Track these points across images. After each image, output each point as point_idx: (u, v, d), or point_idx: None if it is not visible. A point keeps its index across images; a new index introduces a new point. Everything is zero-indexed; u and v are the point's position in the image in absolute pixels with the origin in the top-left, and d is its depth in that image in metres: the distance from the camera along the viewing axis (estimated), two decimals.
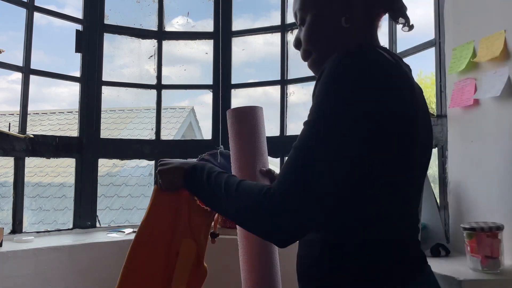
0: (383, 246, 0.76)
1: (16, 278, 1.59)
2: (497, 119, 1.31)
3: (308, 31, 0.86)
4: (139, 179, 5.94)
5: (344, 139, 0.70)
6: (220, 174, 0.84)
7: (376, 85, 0.72)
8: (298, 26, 0.91)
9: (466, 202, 1.42)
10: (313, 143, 0.71)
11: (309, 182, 0.69)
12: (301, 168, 0.70)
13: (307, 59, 0.89)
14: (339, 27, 0.83)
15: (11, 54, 2.05)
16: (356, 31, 0.84)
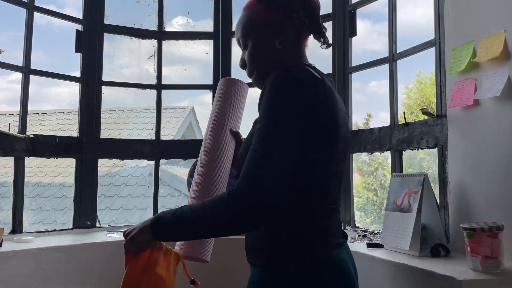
0: (327, 213, 0.98)
1: (16, 278, 1.59)
2: (497, 119, 1.31)
3: (251, 54, 1.06)
4: (139, 179, 5.94)
5: (283, 139, 0.88)
6: (181, 207, 0.96)
7: (304, 96, 0.91)
8: (242, 50, 1.11)
9: (466, 202, 1.42)
10: (263, 144, 0.88)
11: (261, 175, 0.85)
12: (254, 167, 0.86)
13: (251, 76, 1.09)
14: (274, 48, 1.04)
15: (11, 54, 2.05)
16: (288, 51, 1.05)
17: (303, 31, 1.08)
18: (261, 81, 1.06)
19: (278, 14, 1.05)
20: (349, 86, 2.08)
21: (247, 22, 1.08)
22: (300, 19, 1.05)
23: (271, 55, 1.05)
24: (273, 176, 0.86)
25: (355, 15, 2.09)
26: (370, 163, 5.88)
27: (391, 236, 1.47)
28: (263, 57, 1.06)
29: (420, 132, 1.67)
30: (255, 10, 1.07)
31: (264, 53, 1.06)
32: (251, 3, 1.10)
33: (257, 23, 1.06)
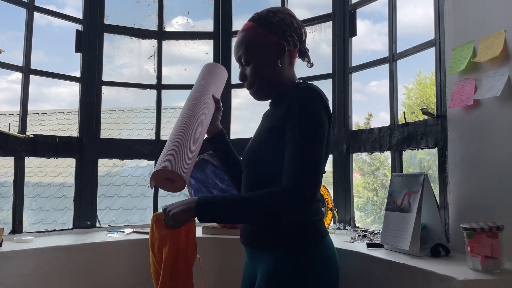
0: (317, 203, 1.23)
1: (16, 278, 1.59)
2: (497, 119, 1.31)
3: (254, 70, 1.25)
4: (139, 179, 5.94)
5: (318, 144, 1.11)
6: (224, 197, 1.14)
7: (326, 111, 1.16)
8: (241, 65, 1.28)
9: (466, 202, 1.42)
10: (313, 150, 1.10)
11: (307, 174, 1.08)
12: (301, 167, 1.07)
13: (251, 88, 1.28)
14: (276, 66, 1.24)
15: (10, 54, 2.05)
16: (285, 69, 1.26)
17: (294, 52, 1.29)
18: (261, 94, 1.28)
19: (278, 38, 1.23)
20: (349, 86, 2.08)
21: (251, 42, 1.25)
22: (294, 42, 1.26)
23: (272, 72, 1.25)
24: (315, 174, 1.08)
25: (355, 15, 2.09)
26: (371, 162, 5.88)
27: (391, 236, 1.47)
28: (265, 74, 1.25)
29: (420, 132, 1.67)
30: (257, 32, 1.25)
31: (267, 70, 1.24)
32: (252, 26, 1.26)
33: (260, 43, 1.24)
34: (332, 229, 1.93)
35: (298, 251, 1.16)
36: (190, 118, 1.33)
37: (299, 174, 1.06)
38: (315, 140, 1.10)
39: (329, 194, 1.93)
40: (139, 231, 2.05)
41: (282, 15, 1.26)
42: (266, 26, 1.24)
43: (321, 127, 1.12)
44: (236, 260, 1.62)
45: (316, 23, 2.23)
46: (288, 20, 1.25)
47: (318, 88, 1.19)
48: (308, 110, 1.12)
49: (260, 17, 1.26)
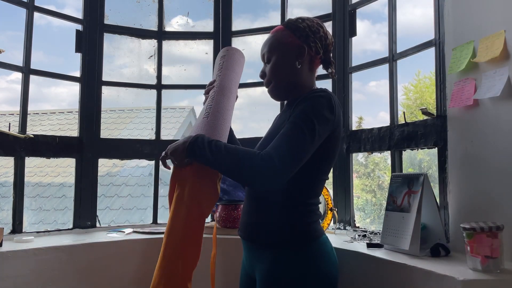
0: (316, 206, 1.26)
1: (16, 278, 1.59)
2: (497, 119, 1.32)
3: (273, 68, 1.30)
4: (139, 179, 5.94)
5: (317, 138, 1.14)
6: (217, 141, 1.17)
7: (334, 115, 1.19)
8: (264, 63, 1.34)
9: (466, 202, 1.42)
10: (301, 133, 1.12)
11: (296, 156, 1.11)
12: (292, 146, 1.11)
13: (268, 86, 1.33)
14: (294, 67, 1.28)
15: (10, 54, 2.05)
16: (303, 72, 1.30)
17: (317, 59, 1.32)
18: (276, 92, 1.32)
19: (301, 41, 1.28)
20: (349, 86, 2.08)
21: (275, 42, 1.31)
22: (316, 48, 1.29)
23: (290, 72, 1.29)
24: (296, 155, 1.11)
25: (355, 15, 2.09)
26: (367, 164, 5.85)
27: (391, 236, 1.47)
28: (283, 72, 1.29)
29: (420, 132, 1.67)
30: (283, 33, 1.30)
31: (284, 69, 1.29)
32: (280, 29, 1.33)
33: (283, 44, 1.29)
34: (332, 229, 1.93)
35: (294, 249, 1.19)
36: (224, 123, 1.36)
37: (280, 148, 1.10)
38: (307, 130, 1.12)
39: (329, 194, 1.93)
40: (139, 231, 2.05)
41: (310, 22, 1.31)
42: (291, 29, 1.30)
43: (317, 119, 1.14)
44: (236, 260, 1.62)
45: None
46: (315, 27, 1.30)
47: (332, 94, 1.22)
48: (313, 105, 1.16)
49: (289, 21, 1.33)
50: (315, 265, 1.19)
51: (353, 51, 2.11)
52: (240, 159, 1.11)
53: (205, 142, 1.16)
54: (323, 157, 1.22)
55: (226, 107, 1.38)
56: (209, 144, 1.15)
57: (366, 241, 1.65)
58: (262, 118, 1.76)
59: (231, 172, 1.17)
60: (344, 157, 2.05)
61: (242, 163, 1.11)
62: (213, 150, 1.14)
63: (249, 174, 1.11)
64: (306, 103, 1.18)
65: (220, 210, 1.93)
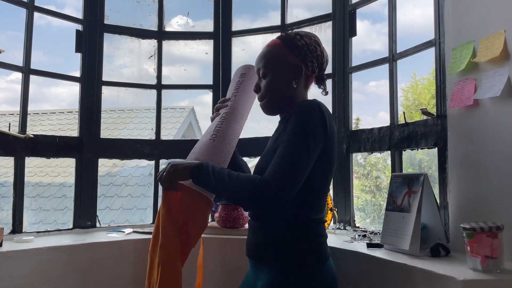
0: (321, 224, 1.24)
1: (16, 278, 1.59)
2: (497, 119, 1.32)
3: (269, 86, 1.29)
4: (139, 179, 5.93)
5: (313, 154, 1.14)
6: (221, 169, 1.18)
7: (325, 126, 1.17)
8: (259, 77, 1.32)
9: (466, 202, 1.42)
10: (297, 152, 1.12)
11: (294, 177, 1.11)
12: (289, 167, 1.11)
13: (262, 101, 1.31)
14: (290, 86, 1.28)
15: (10, 54, 2.05)
16: (299, 90, 1.30)
17: (311, 77, 1.33)
18: (270, 108, 1.32)
19: (298, 60, 1.27)
20: (349, 86, 2.08)
21: (272, 58, 1.29)
22: (313, 68, 1.30)
23: (285, 90, 1.28)
24: (293, 176, 1.10)
25: (355, 15, 2.09)
26: (365, 165, 5.84)
27: (391, 236, 1.47)
28: (278, 90, 1.28)
29: (420, 132, 1.67)
30: (281, 50, 1.29)
31: (281, 87, 1.28)
32: (277, 44, 1.30)
33: (281, 62, 1.28)
34: (332, 229, 1.93)
35: (300, 272, 1.18)
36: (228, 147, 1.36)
37: (277, 171, 1.10)
38: (302, 147, 1.12)
39: (329, 194, 1.93)
40: (139, 231, 2.05)
41: (308, 40, 1.29)
42: (289, 46, 1.28)
43: (312, 136, 1.14)
44: (236, 260, 1.62)
45: (316, 23, 2.23)
46: (312, 46, 1.29)
47: (321, 103, 1.21)
48: (302, 118, 1.16)
49: (287, 36, 1.31)
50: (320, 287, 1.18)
51: (353, 51, 2.11)
52: (241, 186, 1.13)
53: (210, 168, 1.17)
54: (322, 170, 1.21)
55: (234, 132, 1.38)
56: (213, 171, 1.16)
57: (366, 241, 1.65)
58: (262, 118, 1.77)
59: (234, 199, 1.23)
60: (344, 157, 2.05)
61: (243, 189, 1.13)
62: (217, 177, 1.15)
63: (250, 199, 1.13)
64: (297, 118, 1.17)
65: (220, 210, 1.93)
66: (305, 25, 2.25)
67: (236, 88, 1.47)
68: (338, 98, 2.09)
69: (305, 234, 1.20)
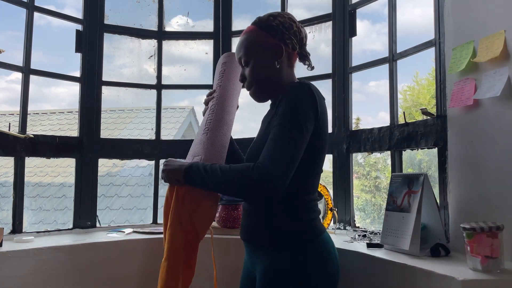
0: (313, 202, 1.25)
1: (16, 278, 1.59)
2: (497, 119, 1.32)
3: (253, 72, 1.28)
4: (139, 179, 5.93)
5: (306, 136, 1.14)
6: (212, 165, 1.18)
7: (316, 107, 1.17)
8: (241, 66, 1.32)
9: (466, 202, 1.42)
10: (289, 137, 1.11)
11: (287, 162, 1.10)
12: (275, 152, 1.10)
13: (250, 89, 1.31)
14: (274, 68, 1.27)
15: (9, 54, 2.05)
16: (283, 70, 1.29)
17: (294, 55, 1.32)
18: (259, 94, 1.31)
19: (276, 40, 1.27)
20: (349, 86, 2.08)
21: (250, 44, 1.28)
22: (293, 45, 1.29)
23: (270, 74, 1.28)
24: (288, 161, 1.10)
25: (355, 15, 2.09)
26: (365, 165, 5.84)
27: (391, 236, 1.47)
28: (263, 75, 1.28)
29: (420, 132, 1.67)
30: (258, 35, 1.28)
31: (265, 71, 1.28)
32: (253, 29, 1.30)
33: (260, 46, 1.27)
34: (332, 229, 1.93)
35: (295, 249, 1.19)
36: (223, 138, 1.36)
37: (271, 156, 1.10)
38: (294, 130, 1.12)
39: (329, 194, 1.93)
40: (139, 231, 2.05)
41: (282, 18, 1.29)
42: (265, 29, 1.28)
43: (303, 117, 1.14)
44: (236, 260, 1.62)
45: (316, 23, 2.23)
46: (287, 23, 1.28)
47: (311, 85, 1.21)
48: (293, 100, 1.16)
49: (260, 20, 1.30)
50: (315, 265, 1.18)
51: (353, 51, 2.11)
52: (236, 177, 1.12)
53: (200, 168, 1.18)
54: (314, 150, 1.21)
55: (226, 121, 1.37)
56: (205, 169, 1.17)
57: (366, 241, 1.65)
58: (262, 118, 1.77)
59: (231, 192, 1.22)
60: (344, 157, 2.05)
61: (238, 180, 1.12)
62: (209, 174, 1.16)
63: (247, 190, 1.12)
64: (288, 101, 1.16)
65: (220, 210, 1.93)
66: (305, 25, 2.25)
67: (220, 78, 1.46)
68: (338, 98, 2.09)
69: (297, 213, 1.21)
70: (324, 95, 1.26)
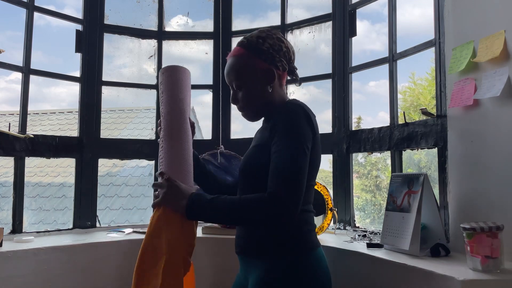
0: (309, 213, 1.25)
1: (16, 278, 1.59)
2: (497, 119, 1.32)
3: (247, 97, 1.27)
4: (139, 179, 5.93)
5: (303, 157, 1.14)
6: (218, 197, 1.18)
7: (311, 126, 1.19)
8: (232, 89, 1.31)
9: (466, 202, 1.42)
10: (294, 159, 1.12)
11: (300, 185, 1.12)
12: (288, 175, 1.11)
13: (242, 111, 1.31)
14: (266, 91, 1.27)
15: (9, 54, 2.05)
16: (276, 91, 1.29)
17: (284, 74, 1.32)
18: (252, 117, 1.31)
19: (267, 64, 1.26)
20: (349, 86, 2.08)
21: (242, 69, 1.27)
22: (283, 66, 1.29)
23: (263, 97, 1.28)
24: (300, 184, 1.12)
25: (355, 15, 2.09)
26: (366, 165, 5.84)
27: (391, 236, 1.47)
28: (257, 99, 1.28)
29: (420, 132, 1.67)
30: (249, 59, 1.26)
31: (258, 96, 1.27)
32: (243, 53, 1.27)
33: (252, 71, 1.26)
34: (332, 229, 1.93)
35: (288, 262, 1.17)
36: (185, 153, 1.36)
37: (283, 183, 1.10)
38: (298, 152, 1.13)
39: (329, 194, 1.93)
40: (139, 231, 2.05)
41: (271, 40, 1.27)
42: (255, 53, 1.26)
43: (304, 139, 1.15)
44: (235, 261, 1.62)
45: (316, 23, 2.23)
46: (277, 45, 1.27)
47: (303, 104, 1.24)
48: (291, 123, 1.17)
49: (250, 43, 1.27)
50: (308, 278, 1.17)
51: (353, 51, 2.11)
52: (250, 209, 1.13)
53: (204, 202, 1.17)
54: (310, 165, 1.20)
55: (178, 151, 1.34)
56: (210, 203, 1.17)
57: (366, 241, 1.65)
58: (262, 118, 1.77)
59: (244, 223, 1.24)
60: (344, 157, 2.05)
61: (253, 213, 1.13)
62: (217, 208, 1.16)
63: (265, 220, 1.14)
64: (287, 125, 1.16)
65: None
66: (305, 25, 2.25)
67: (162, 103, 1.39)
68: (338, 98, 2.09)
69: (293, 224, 1.20)
70: (324, 95, 1.27)
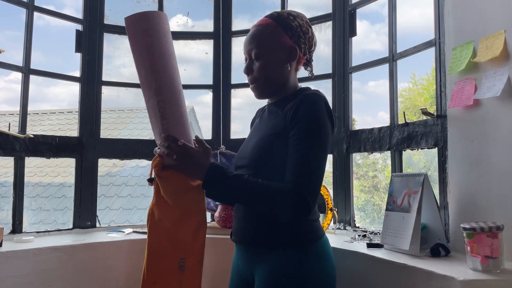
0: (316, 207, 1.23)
1: (16, 278, 1.59)
2: (497, 119, 1.32)
3: (263, 68, 1.23)
4: (139, 179, 5.93)
5: (323, 150, 1.15)
6: (237, 175, 1.15)
7: (330, 119, 1.19)
8: (250, 59, 1.26)
9: (466, 202, 1.42)
10: (314, 152, 1.12)
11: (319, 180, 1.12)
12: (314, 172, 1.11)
13: (253, 83, 1.26)
14: (284, 69, 1.25)
15: (8, 54, 2.05)
16: (291, 73, 1.27)
17: (302, 59, 1.30)
18: (262, 92, 1.27)
19: (293, 41, 1.24)
20: (349, 86, 2.08)
21: (266, 39, 1.23)
22: (305, 50, 1.27)
23: (279, 75, 1.25)
24: (320, 182, 1.12)
25: (355, 15, 2.09)
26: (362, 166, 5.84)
27: (391, 236, 1.47)
28: (273, 73, 1.24)
29: (420, 132, 1.67)
30: (275, 30, 1.23)
31: (275, 71, 1.24)
32: (269, 23, 1.24)
33: (276, 43, 1.23)
34: (332, 229, 1.93)
35: (300, 251, 1.18)
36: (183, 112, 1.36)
37: (307, 179, 1.10)
38: (320, 147, 1.13)
39: (329, 194, 1.93)
40: (139, 231, 2.05)
41: (301, 21, 1.26)
42: (284, 27, 1.24)
43: (326, 134, 1.15)
44: None
45: (316, 23, 2.23)
46: (305, 27, 1.26)
47: (324, 96, 1.21)
48: (315, 114, 1.15)
49: (280, 16, 1.25)
50: (318, 266, 1.18)
51: (353, 51, 2.11)
52: (271, 198, 1.11)
53: (227, 175, 1.14)
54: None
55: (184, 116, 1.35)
56: (233, 178, 1.14)
57: (366, 241, 1.65)
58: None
59: (259, 209, 1.18)
60: (344, 157, 2.05)
61: (273, 202, 1.11)
62: (236, 186, 1.13)
63: (283, 212, 1.12)
64: (308, 113, 1.15)
65: (220, 210, 1.93)
66: None
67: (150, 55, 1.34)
68: (338, 98, 2.09)
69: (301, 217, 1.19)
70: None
